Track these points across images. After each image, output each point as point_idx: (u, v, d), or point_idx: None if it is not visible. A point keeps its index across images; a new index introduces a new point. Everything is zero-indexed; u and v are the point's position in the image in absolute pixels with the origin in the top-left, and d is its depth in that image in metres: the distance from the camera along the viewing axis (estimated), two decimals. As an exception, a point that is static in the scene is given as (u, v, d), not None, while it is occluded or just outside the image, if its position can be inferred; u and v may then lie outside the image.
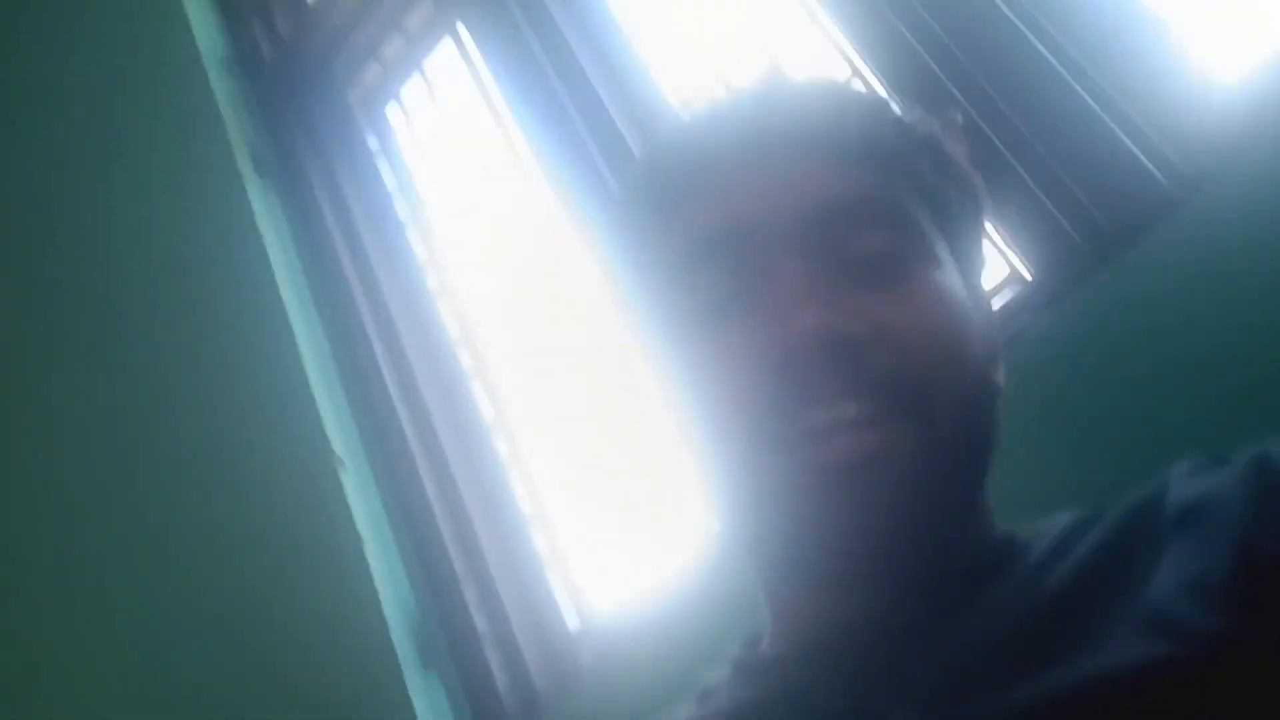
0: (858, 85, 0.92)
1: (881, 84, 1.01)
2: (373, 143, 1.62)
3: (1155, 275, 0.79)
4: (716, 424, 0.56)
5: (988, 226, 0.89)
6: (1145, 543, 0.49)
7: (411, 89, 1.61)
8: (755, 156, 0.58)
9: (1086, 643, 0.45)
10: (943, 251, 0.58)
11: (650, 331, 0.65)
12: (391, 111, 1.63)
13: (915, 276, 0.56)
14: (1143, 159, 0.82)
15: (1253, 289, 0.74)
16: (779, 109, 0.60)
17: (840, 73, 1.05)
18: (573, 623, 1.19)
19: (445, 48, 1.54)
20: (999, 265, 0.91)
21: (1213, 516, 0.47)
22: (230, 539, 1.39)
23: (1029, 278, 0.88)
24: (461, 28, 1.47)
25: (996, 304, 0.91)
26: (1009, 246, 0.90)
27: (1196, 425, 0.72)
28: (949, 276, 0.58)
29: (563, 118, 1.26)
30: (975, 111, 0.90)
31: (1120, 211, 0.82)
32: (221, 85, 1.68)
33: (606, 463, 1.23)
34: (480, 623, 1.19)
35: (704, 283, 0.57)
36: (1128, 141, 0.82)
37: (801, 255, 0.55)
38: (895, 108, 0.64)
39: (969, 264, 0.62)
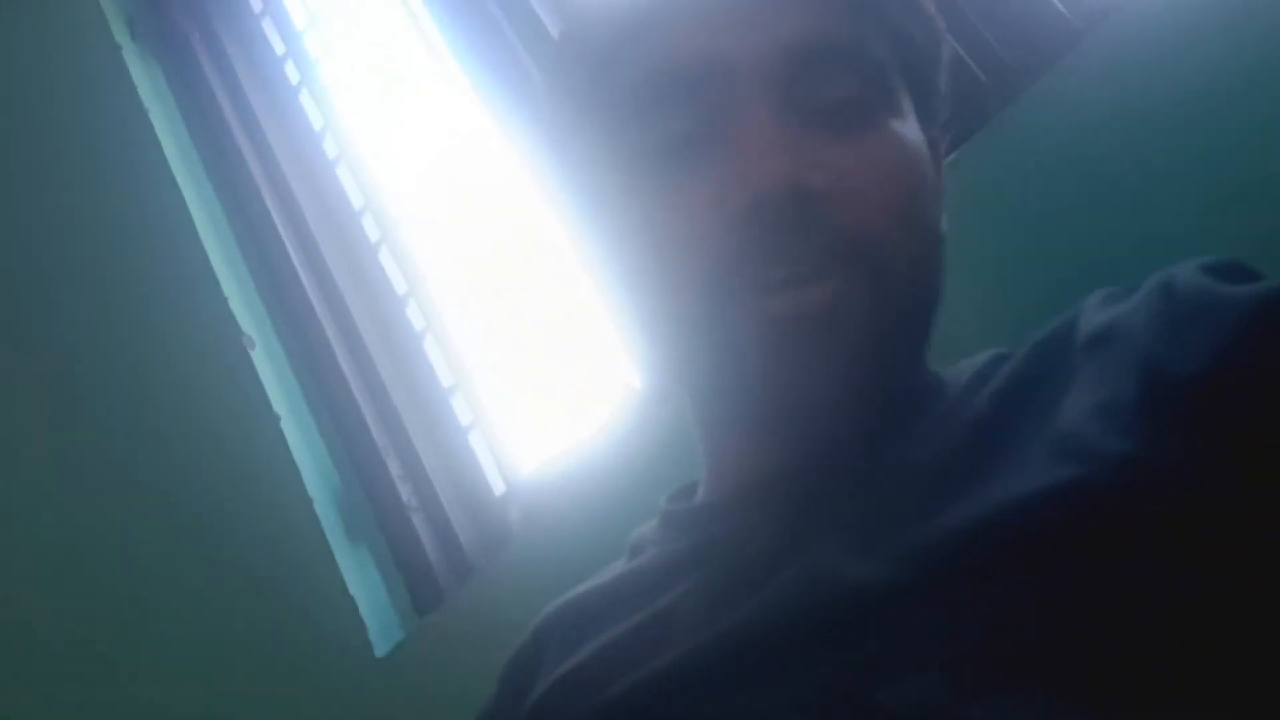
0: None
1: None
2: (256, 4, 1.53)
3: (1061, 108, 0.79)
4: (667, 273, 0.54)
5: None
6: (1057, 371, 0.50)
7: (294, -55, 1.52)
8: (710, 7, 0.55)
9: (1000, 470, 0.46)
10: (906, 103, 0.57)
11: (582, 180, 0.62)
12: (275, -30, 1.55)
13: (880, 127, 0.54)
14: (1046, -10, 0.81)
15: (1154, 117, 0.74)
16: None
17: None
18: (498, 485, 1.19)
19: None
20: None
21: (1120, 341, 0.48)
22: (142, 427, 1.36)
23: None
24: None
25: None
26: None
27: (1106, 255, 0.73)
28: (910, 128, 0.57)
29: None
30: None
31: (1023, 46, 0.81)
32: (88, -52, 1.57)
33: (524, 324, 1.22)
34: (405, 492, 1.20)
35: (662, 119, 0.55)
36: (1031, -28, 0.81)
37: (770, 99, 0.53)
38: None
39: (929, 111, 0.61)
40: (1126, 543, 0.41)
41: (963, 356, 0.60)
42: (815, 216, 0.50)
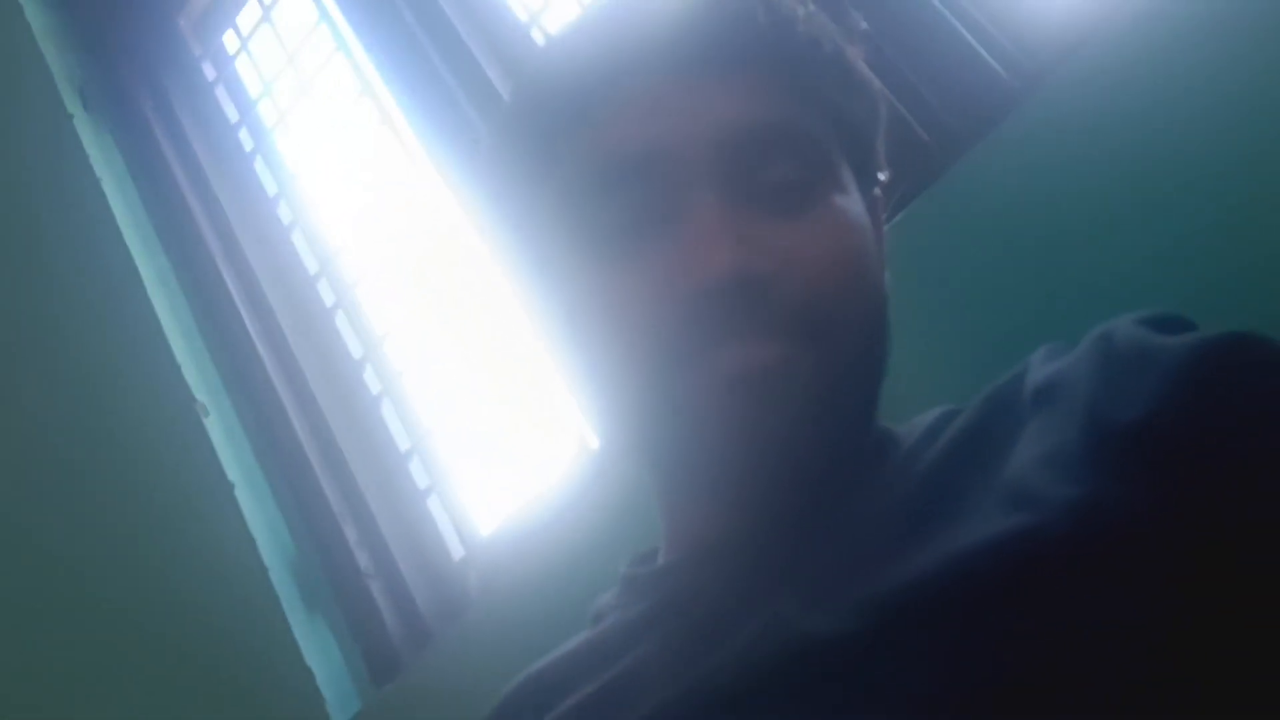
0: None
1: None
2: (209, 72, 1.54)
3: (1002, 169, 0.81)
4: (615, 351, 0.55)
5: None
6: (1005, 424, 0.51)
7: (248, 15, 1.53)
8: (668, 77, 0.56)
9: (951, 521, 0.47)
10: (847, 175, 0.59)
11: (529, 254, 0.63)
12: (228, 39, 1.55)
13: (822, 204, 0.56)
14: (985, 55, 0.83)
15: (1092, 178, 0.76)
16: (696, 23, 0.57)
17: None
18: (456, 550, 1.18)
19: (279, -31, 1.46)
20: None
21: (1063, 392, 0.49)
22: (95, 497, 1.34)
23: (881, 178, 0.90)
24: (295, -54, 1.40)
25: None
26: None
27: (1050, 310, 0.75)
28: (853, 201, 0.58)
29: (409, 38, 1.22)
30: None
31: (966, 109, 0.83)
32: (38, 18, 1.57)
33: (481, 386, 1.22)
34: (362, 559, 1.18)
35: (610, 205, 0.56)
36: (970, 39, 0.84)
37: (715, 185, 0.54)
38: (821, 25, 0.61)
39: (869, 176, 0.63)
40: (1076, 587, 0.42)
41: (910, 411, 0.61)
42: (761, 299, 0.52)
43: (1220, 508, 0.42)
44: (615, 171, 0.56)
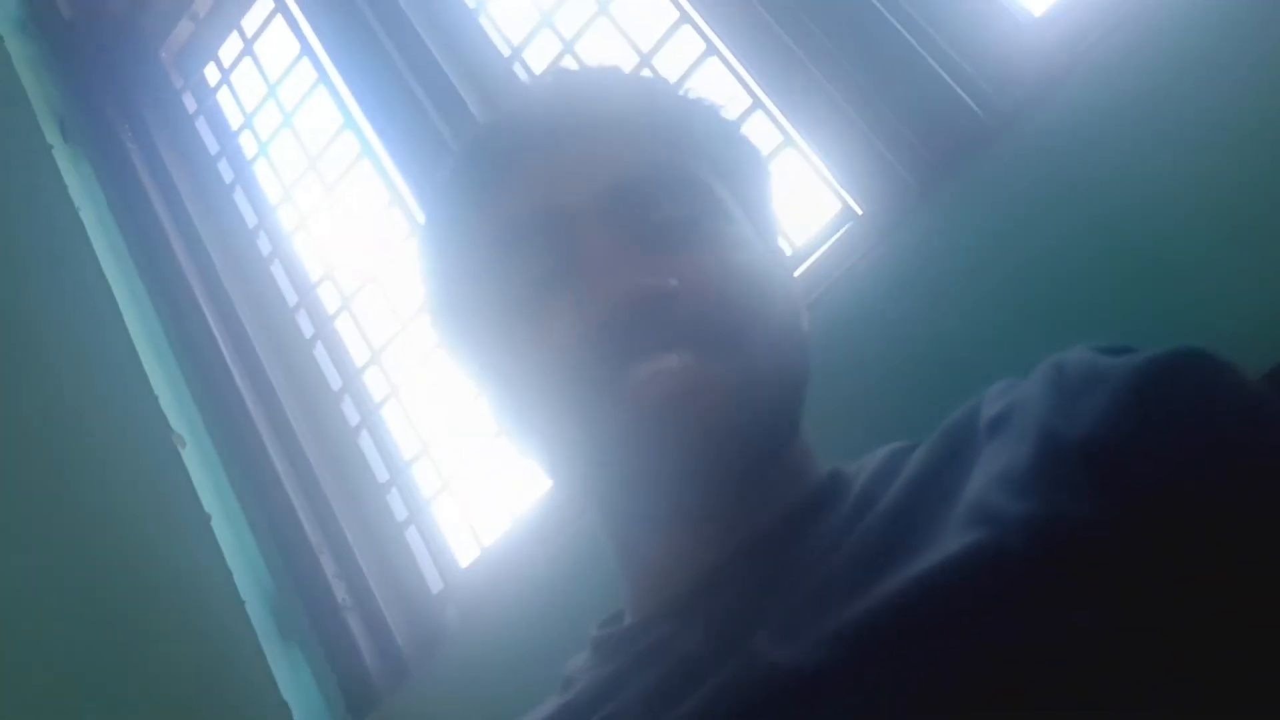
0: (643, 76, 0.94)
1: (707, 24, 1.02)
2: (190, 104, 1.54)
3: (977, 203, 0.82)
4: (542, 389, 0.59)
5: (819, 164, 0.92)
6: (963, 455, 0.53)
7: (230, 48, 1.54)
8: (556, 146, 0.64)
9: (915, 549, 0.48)
10: (737, 210, 0.64)
11: (462, 317, 0.68)
12: (209, 72, 1.56)
13: (711, 233, 0.61)
14: (960, 92, 0.84)
15: (1064, 212, 0.78)
16: (575, 100, 0.66)
17: (659, 29, 1.05)
18: (435, 582, 1.18)
19: (263, 4, 1.47)
20: (831, 201, 0.94)
21: (1016, 417, 0.51)
22: (72, 528, 1.33)
23: (860, 211, 0.91)
24: (278, -20, 1.41)
25: (830, 238, 0.94)
26: (839, 183, 0.92)
27: (1015, 344, 0.76)
28: (744, 230, 0.64)
29: (390, 70, 1.23)
30: (800, 51, 0.92)
31: (942, 144, 0.85)
32: (19, 49, 1.57)
33: (460, 417, 1.22)
34: (340, 591, 1.17)
35: (520, 265, 0.62)
36: (946, 77, 0.85)
37: (606, 230, 0.60)
38: (680, 91, 0.71)
39: (764, 223, 0.68)
40: (1036, 599, 0.43)
41: (855, 450, 0.63)
42: (667, 312, 0.56)
43: (1168, 517, 0.44)
44: (519, 234, 0.62)
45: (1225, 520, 0.44)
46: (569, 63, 1.15)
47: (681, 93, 0.70)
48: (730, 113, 0.71)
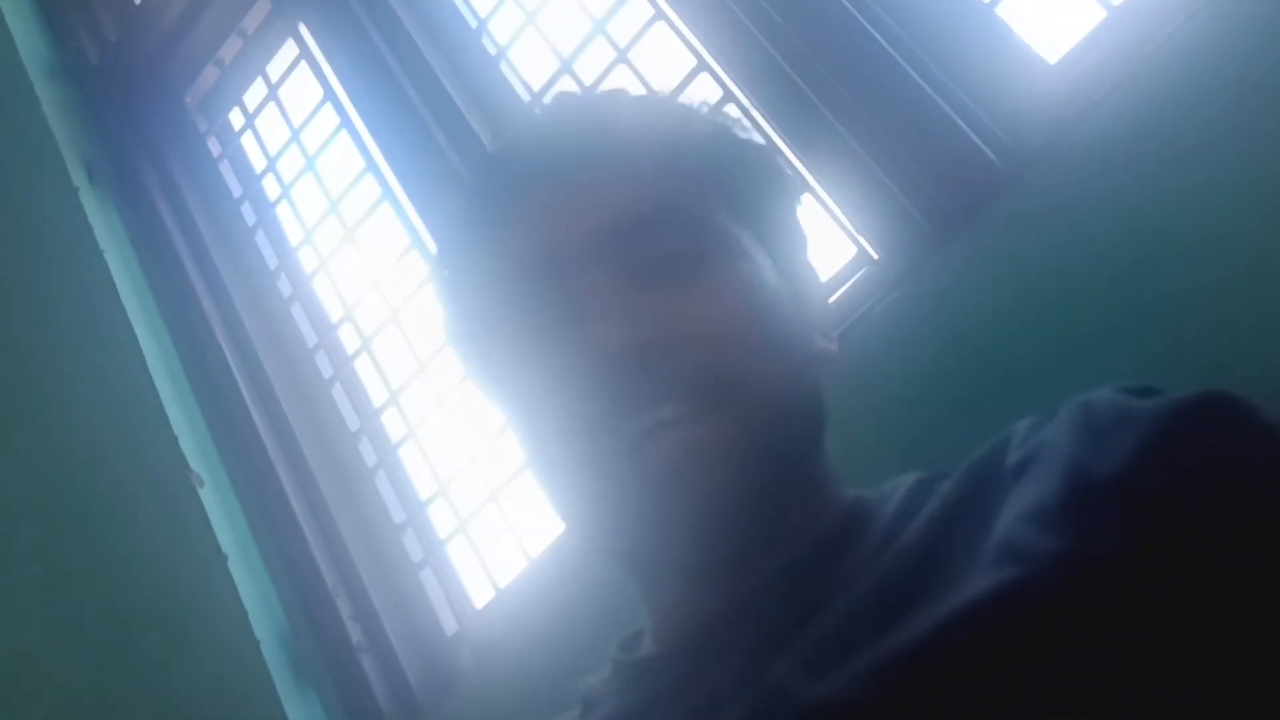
0: (649, 97, 0.91)
1: (725, 71, 1.03)
2: (214, 148, 1.57)
3: (993, 250, 0.83)
4: (551, 437, 0.60)
5: (835, 209, 0.93)
6: (990, 492, 0.53)
7: (255, 93, 1.56)
8: (555, 181, 0.63)
9: (944, 586, 0.48)
10: (748, 240, 0.63)
11: (478, 351, 0.69)
12: (234, 117, 1.58)
13: (715, 270, 0.60)
14: (976, 140, 0.85)
15: (1081, 259, 0.78)
16: (576, 130, 0.65)
17: (677, 76, 1.07)
18: (450, 624, 1.17)
19: (288, 50, 1.50)
20: (847, 246, 0.95)
21: (1045, 455, 0.52)
22: (90, 566, 1.33)
23: (876, 256, 0.92)
24: (304, 29, 1.43)
25: (846, 282, 0.94)
26: (856, 228, 0.93)
27: (1032, 389, 0.76)
28: (753, 264, 0.62)
29: (413, 116, 1.24)
30: (817, 98, 0.93)
31: (958, 191, 0.85)
32: (48, 93, 1.60)
33: (477, 458, 1.22)
34: (354, 632, 1.17)
35: (523, 309, 0.62)
36: (961, 124, 0.86)
37: (605, 269, 0.59)
38: (688, 113, 0.69)
39: (782, 245, 0.67)
40: (1070, 636, 0.43)
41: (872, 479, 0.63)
42: (665, 362, 0.56)
43: (1194, 558, 0.44)
44: (524, 274, 0.62)
45: (1250, 564, 0.44)
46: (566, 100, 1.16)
47: (695, 112, 0.69)
48: (747, 130, 0.70)
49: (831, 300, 0.95)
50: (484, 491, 1.19)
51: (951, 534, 0.52)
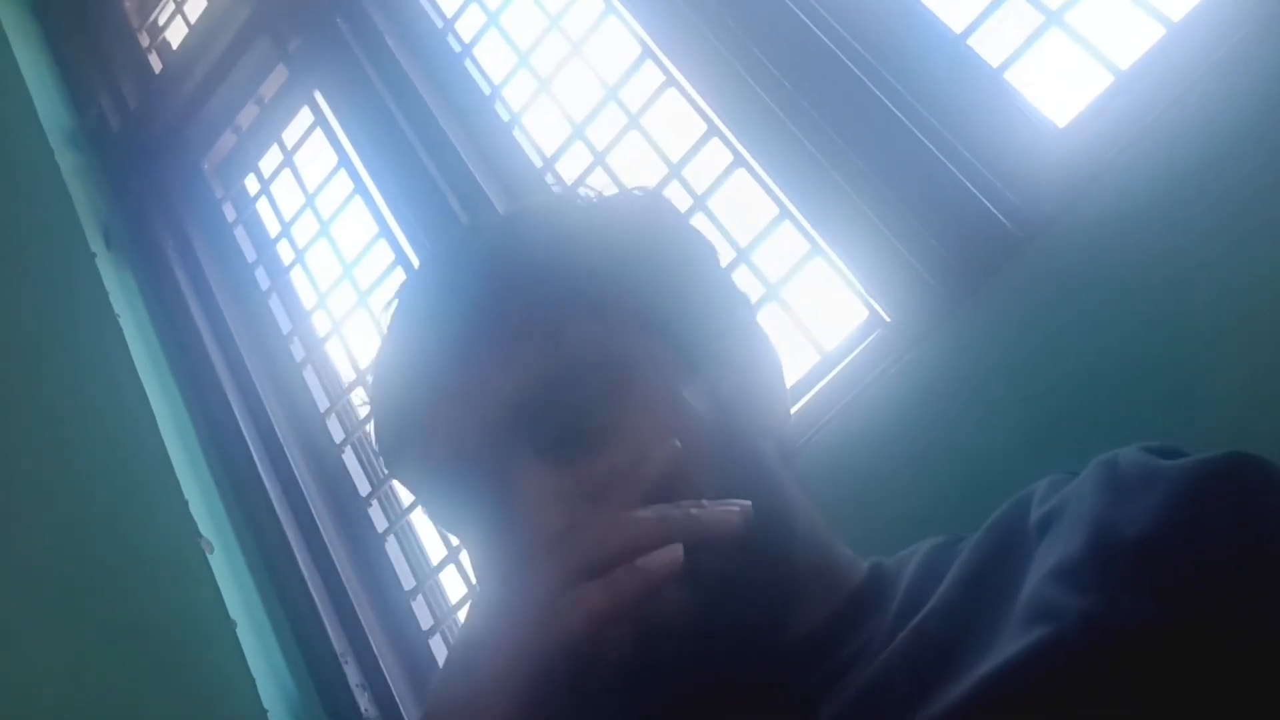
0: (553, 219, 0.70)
1: (735, 136, 1.04)
2: (230, 213, 1.58)
3: (1006, 312, 0.83)
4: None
5: (846, 272, 0.93)
6: (1014, 552, 0.53)
7: (270, 159, 1.58)
8: (446, 366, 0.59)
9: (976, 649, 0.47)
10: (666, 356, 0.60)
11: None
12: (250, 182, 1.60)
13: (625, 426, 0.57)
14: (986, 204, 0.85)
15: (1095, 320, 0.78)
16: (462, 302, 0.60)
17: (688, 141, 1.07)
18: (460, 694, 1.16)
19: (303, 117, 1.52)
20: (859, 309, 0.94)
21: (1069, 513, 0.51)
22: (94, 630, 1.32)
23: (888, 319, 0.91)
24: (319, 96, 1.45)
25: (858, 346, 0.94)
26: (867, 290, 0.93)
27: (1048, 451, 0.75)
28: (672, 390, 0.59)
29: (426, 181, 1.26)
30: (828, 162, 0.93)
31: (970, 254, 0.85)
32: (67, 159, 1.63)
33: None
34: (363, 701, 1.16)
35: (452, 503, 0.59)
36: (971, 187, 0.86)
37: (513, 456, 0.56)
38: (589, 231, 0.64)
39: (712, 343, 0.63)
40: (1097, 696, 0.43)
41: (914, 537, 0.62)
42: (590, 533, 0.51)
43: (1221, 623, 0.44)
44: (435, 484, 0.59)
45: (1272, 631, 0.43)
46: (592, 181, 1.16)
47: (602, 225, 0.64)
48: (658, 215, 0.66)
49: (844, 364, 0.94)
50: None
51: (978, 596, 0.51)
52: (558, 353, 0.57)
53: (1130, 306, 0.76)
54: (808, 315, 0.99)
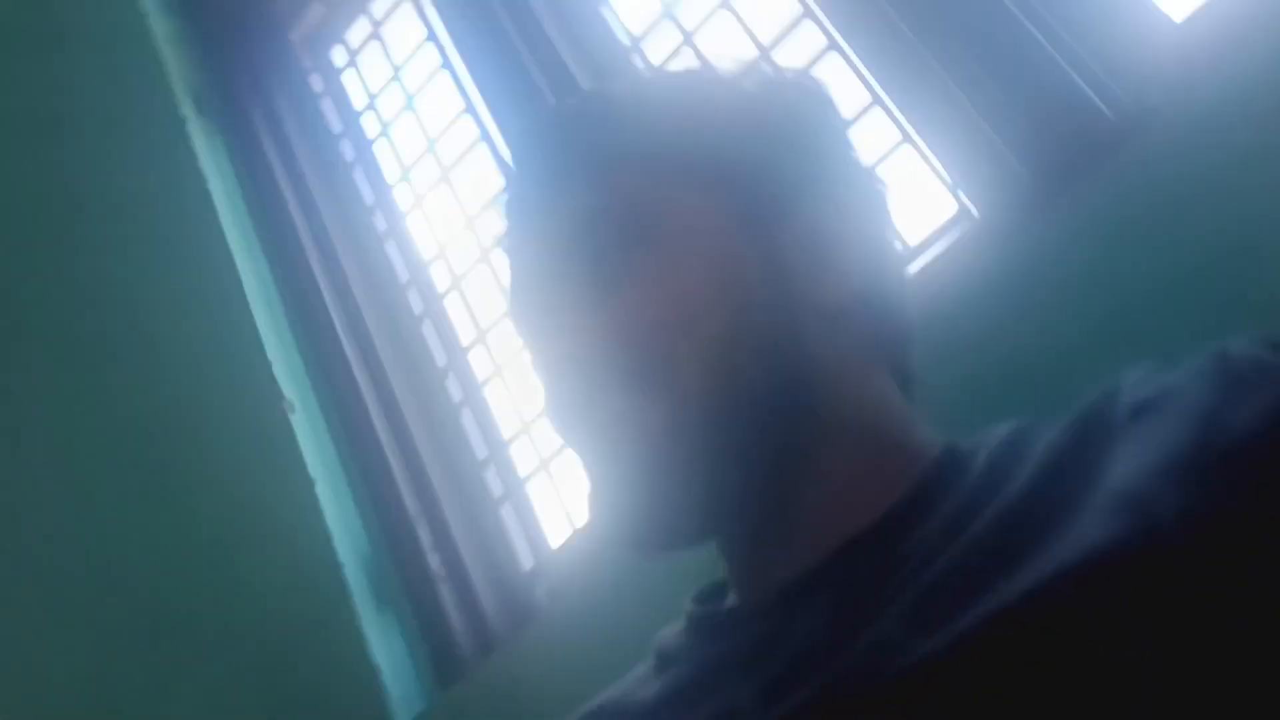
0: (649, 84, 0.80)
1: (828, 19, 1.01)
2: (316, 84, 1.59)
3: (1099, 211, 0.80)
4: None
5: (936, 164, 0.91)
6: (1101, 439, 0.50)
7: (358, 31, 1.58)
8: (524, 208, 0.68)
9: (1055, 536, 0.46)
10: (696, 209, 0.62)
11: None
12: (336, 54, 1.61)
13: (644, 262, 0.60)
14: (1090, 94, 0.83)
15: (1196, 225, 0.76)
16: (541, 152, 0.69)
17: (780, 23, 1.05)
18: (526, 561, 1.19)
19: (392, -12, 1.51)
20: (947, 202, 0.93)
21: (1173, 405, 0.49)
22: (181, 485, 1.38)
23: (976, 215, 0.90)
24: (409, -33, 1.44)
25: (943, 240, 0.92)
26: (957, 184, 0.91)
27: (1136, 352, 0.73)
28: (696, 238, 0.61)
29: (512, 58, 1.25)
30: (924, 46, 0.91)
31: (1068, 147, 0.83)
32: (160, 24, 1.64)
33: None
34: (434, 562, 1.20)
35: (516, 318, 0.69)
36: (1075, 77, 0.83)
37: (552, 287, 0.64)
38: (685, 93, 0.69)
39: (790, 211, 0.63)
40: (1192, 594, 0.41)
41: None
42: (592, 370, 0.60)
43: None
44: (510, 296, 0.69)
45: None
46: (681, 59, 1.15)
47: (697, 89, 0.69)
48: (778, 92, 0.69)
49: (927, 258, 0.93)
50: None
51: (1061, 480, 0.49)
52: (590, 199, 0.63)
53: (1234, 208, 0.74)
54: (893, 207, 0.98)
